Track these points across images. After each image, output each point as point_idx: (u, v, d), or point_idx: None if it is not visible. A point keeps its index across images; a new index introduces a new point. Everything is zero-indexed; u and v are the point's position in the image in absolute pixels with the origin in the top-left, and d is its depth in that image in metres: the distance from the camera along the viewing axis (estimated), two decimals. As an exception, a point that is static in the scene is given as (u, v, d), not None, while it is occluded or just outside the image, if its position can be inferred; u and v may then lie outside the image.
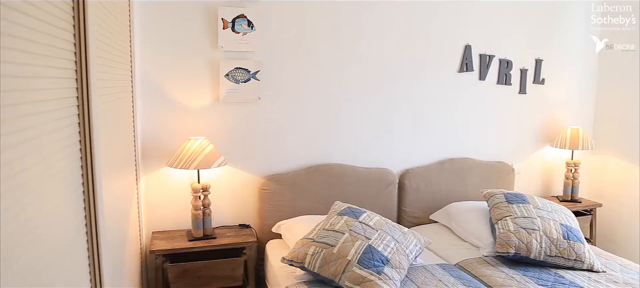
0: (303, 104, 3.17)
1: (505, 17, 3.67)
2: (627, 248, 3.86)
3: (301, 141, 3.20)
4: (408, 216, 3.42)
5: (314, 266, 2.32)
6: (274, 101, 3.10)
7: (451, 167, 3.57)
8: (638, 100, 3.83)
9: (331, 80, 3.22)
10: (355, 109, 3.31)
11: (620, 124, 3.99)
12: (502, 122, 3.81)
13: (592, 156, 4.17)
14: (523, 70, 3.80)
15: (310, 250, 2.36)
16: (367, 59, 3.28)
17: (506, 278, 2.57)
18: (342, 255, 2.31)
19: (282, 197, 3.08)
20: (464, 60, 3.55)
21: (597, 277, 2.64)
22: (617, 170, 4.04)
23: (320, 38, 3.15)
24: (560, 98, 4.02)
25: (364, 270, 2.26)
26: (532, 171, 4.02)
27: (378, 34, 3.29)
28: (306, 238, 2.46)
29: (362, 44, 3.25)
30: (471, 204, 3.32)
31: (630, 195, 3.92)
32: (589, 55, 4.08)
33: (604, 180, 4.15)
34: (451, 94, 3.58)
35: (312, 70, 3.16)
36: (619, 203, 4.01)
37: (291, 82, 3.12)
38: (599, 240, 4.04)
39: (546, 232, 2.77)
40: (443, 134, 3.60)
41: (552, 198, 3.99)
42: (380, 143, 3.41)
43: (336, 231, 2.45)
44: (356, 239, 2.39)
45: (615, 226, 4.04)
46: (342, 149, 3.31)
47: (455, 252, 2.94)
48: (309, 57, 3.14)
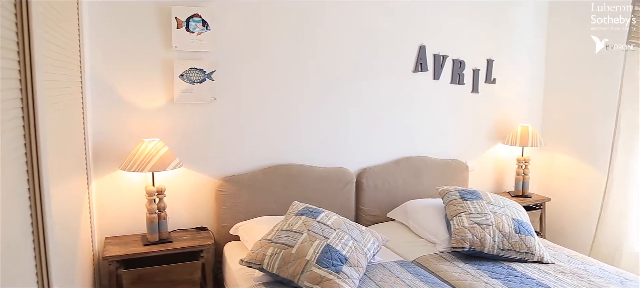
0: (260, 104, 3.15)
1: (458, 19, 3.76)
2: (574, 239, 4.03)
3: (258, 142, 3.18)
4: (366, 215, 3.45)
5: (273, 267, 2.31)
6: (230, 101, 3.06)
7: (407, 165, 3.63)
8: (582, 99, 4.00)
9: (288, 80, 3.21)
10: (313, 108, 3.31)
11: (566, 122, 4.17)
12: (456, 121, 3.91)
13: (541, 153, 4.33)
14: (475, 70, 3.90)
15: (268, 251, 2.35)
16: (324, 58, 3.29)
17: (462, 273, 2.64)
18: (300, 256, 2.31)
19: (240, 198, 3.04)
20: (418, 61, 3.62)
21: (547, 268, 2.75)
22: (564, 166, 4.21)
23: (277, 38, 3.13)
24: (511, 97, 4.16)
25: (323, 270, 2.26)
26: (485, 168, 4.14)
27: (335, 34, 3.30)
28: (264, 240, 2.44)
29: (318, 43, 3.26)
30: (427, 202, 3.38)
31: (576, 190, 4.10)
32: (537, 56, 4.25)
33: (552, 175, 4.32)
34: (407, 94, 3.64)
35: (269, 70, 3.14)
36: (566, 197, 4.18)
37: (247, 82, 3.09)
38: (548, 233, 4.20)
39: (499, 227, 2.86)
40: (399, 133, 3.65)
41: (504, 193, 4.12)
42: (338, 142, 3.43)
43: (294, 231, 2.44)
44: (314, 239, 2.39)
45: (563, 219, 4.22)
46: (299, 149, 3.31)
47: (413, 249, 2.99)
48: (265, 57, 3.12)
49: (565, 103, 4.17)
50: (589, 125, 3.96)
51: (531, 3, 4.13)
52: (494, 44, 3.98)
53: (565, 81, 4.16)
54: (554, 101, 4.29)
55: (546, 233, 4.14)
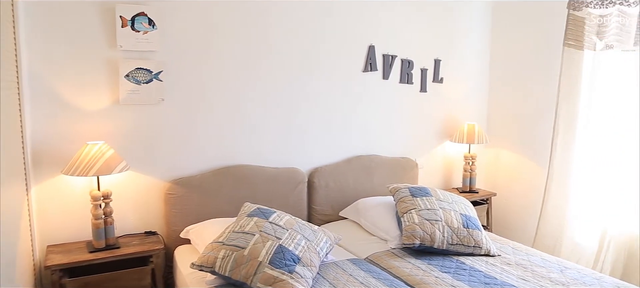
0: (210, 104, 3.10)
1: (406, 19, 3.84)
2: (519, 232, 4.20)
3: (208, 143, 3.12)
4: (318, 214, 3.46)
5: (225, 270, 2.28)
6: (179, 102, 2.99)
7: (359, 164, 3.66)
8: (524, 97, 4.17)
9: (239, 80, 3.17)
10: (264, 108, 3.29)
11: (509, 119, 4.34)
12: (406, 119, 3.98)
13: (487, 150, 4.48)
14: (423, 70, 3.99)
15: (220, 254, 2.31)
16: (274, 58, 3.28)
17: (413, 268, 2.69)
18: (253, 257, 2.29)
19: (190, 201, 2.98)
20: (368, 60, 3.66)
21: (493, 260, 2.86)
22: (508, 162, 4.37)
23: (227, 37, 3.09)
24: (458, 96, 4.28)
25: (276, 270, 2.25)
26: (434, 165, 4.24)
27: (285, 34, 3.29)
28: (216, 242, 2.40)
29: (269, 43, 3.24)
30: (378, 199, 3.43)
31: (519, 185, 4.27)
32: (482, 56, 4.39)
33: (498, 171, 4.48)
34: (357, 93, 3.67)
35: (219, 70, 3.10)
36: (511, 192, 4.35)
37: (197, 82, 3.03)
38: (494, 226, 4.35)
39: (448, 222, 2.94)
40: (350, 132, 3.69)
41: (453, 189, 4.23)
42: (289, 142, 3.42)
43: (246, 233, 2.42)
44: (267, 240, 2.38)
45: (508, 213, 4.38)
46: (250, 150, 3.27)
47: (365, 247, 3.03)
48: (215, 56, 3.07)
49: (509, 101, 4.34)
50: (530, 122, 4.13)
51: (475, 3, 4.27)
52: (441, 44, 4.09)
53: (508, 80, 4.33)
54: (498, 99, 4.46)
55: (492, 227, 4.29)
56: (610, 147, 3.47)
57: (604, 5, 3.42)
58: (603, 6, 3.42)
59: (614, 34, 3.37)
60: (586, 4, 3.50)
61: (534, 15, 4.03)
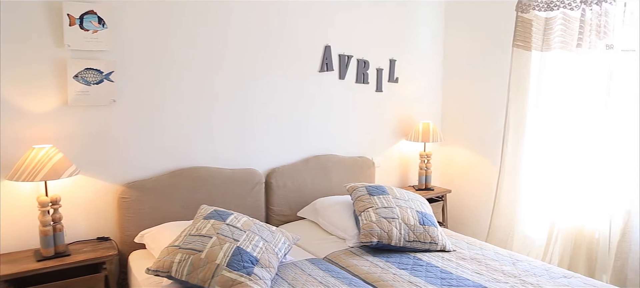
0: (164, 105, 3.03)
1: (362, 20, 3.88)
2: (473, 227, 4.31)
3: (163, 144, 3.05)
4: (276, 215, 3.44)
5: (182, 274, 2.23)
6: (132, 103, 2.91)
7: (316, 163, 3.67)
8: (476, 96, 4.29)
9: (194, 81, 3.12)
10: (220, 109, 3.25)
11: (463, 118, 4.45)
12: (362, 119, 4.02)
13: (442, 148, 4.58)
14: (379, 70, 4.04)
15: (176, 258, 2.27)
16: (230, 58, 3.24)
17: (371, 266, 2.72)
18: (210, 260, 2.25)
19: (144, 204, 2.91)
20: (324, 60, 3.68)
21: (449, 256, 2.92)
22: (462, 160, 4.49)
23: (182, 37, 3.03)
24: (413, 95, 4.36)
25: (234, 273, 2.23)
26: (390, 164, 4.30)
27: (241, 34, 3.26)
28: (172, 246, 2.35)
29: (225, 43, 3.20)
30: (336, 199, 3.44)
31: (473, 181, 4.39)
32: (435, 56, 4.49)
33: (452, 168, 4.59)
34: (314, 93, 3.68)
35: (174, 70, 3.03)
36: (465, 188, 4.47)
37: (151, 83, 2.96)
38: (449, 222, 4.45)
39: (404, 220, 2.98)
40: (307, 132, 3.69)
41: (409, 187, 4.30)
42: (246, 143, 3.39)
43: (203, 236, 2.38)
44: (224, 242, 2.35)
45: (462, 209, 4.49)
46: (206, 151, 3.22)
47: (323, 246, 3.03)
48: (169, 56, 3.00)
49: (462, 100, 4.45)
50: (483, 120, 4.25)
51: (428, 4, 4.36)
52: (396, 45, 4.15)
53: (461, 79, 4.44)
54: (451, 98, 4.57)
55: (448, 223, 4.39)
56: (557, 144, 3.61)
57: (549, 8, 3.55)
58: (549, 9, 3.56)
59: (559, 35, 3.51)
60: (533, 6, 3.63)
61: (485, 16, 4.16)
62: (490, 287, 2.46)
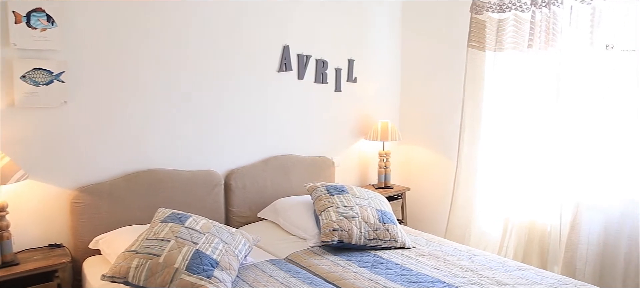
0: (119, 106, 2.94)
1: (320, 20, 3.88)
2: (432, 224, 4.39)
3: (118, 147, 2.96)
4: (236, 216, 3.41)
5: (139, 279, 2.17)
6: (85, 104, 2.81)
7: (276, 164, 3.65)
8: (433, 95, 4.38)
9: (150, 81, 3.04)
10: (176, 110, 3.18)
11: (420, 116, 4.53)
12: (321, 119, 4.03)
13: (400, 146, 4.64)
14: (338, 70, 4.06)
15: (133, 263, 2.21)
16: (188, 58, 3.18)
17: (332, 265, 2.73)
18: (169, 264, 2.21)
19: (99, 209, 2.81)
20: (283, 60, 3.66)
21: (409, 252, 2.97)
22: (420, 158, 4.57)
23: (137, 36, 2.95)
24: (371, 95, 4.40)
25: (193, 276, 2.19)
26: (350, 163, 4.33)
27: (199, 33, 3.21)
28: (128, 251, 2.29)
29: (182, 42, 3.14)
30: (296, 199, 3.44)
31: (431, 179, 4.47)
32: (393, 56, 4.55)
33: (411, 167, 4.66)
34: (272, 93, 3.66)
35: (129, 70, 2.94)
36: (424, 186, 4.55)
37: (105, 83, 2.87)
38: (409, 220, 4.52)
39: (364, 218, 3.01)
40: (266, 132, 3.67)
41: (369, 186, 4.34)
42: (204, 144, 3.34)
43: (161, 239, 2.33)
44: (183, 245, 2.30)
45: (421, 206, 4.57)
46: (164, 153, 3.15)
47: (284, 247, 3.02)
48: (124, 56, 2.92)
49: (420, 99, 4.53)
50: (440, 119, 4.34)
51: (386, 4, 4.41)
52: (354, 45, 4.18)
53: (419, 79, 4.52)
54: (409, 98, 4.64)
55: (407, 220, 4.45)
56: (510, 142, 3.72)
57: (502, 10, 3.66)
58: (501, 11, 3.67)
59: (511, 36, 3.63)
60: (487, 8, 3.73)
61: (441, 17, 4.25)
62: (448, 281, 2.51)
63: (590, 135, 3.28)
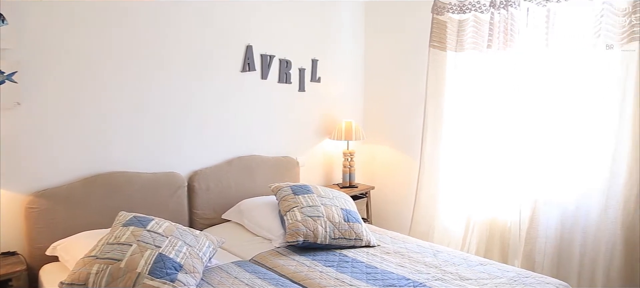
0: (76, 108, 2.84)
1: (283, 19, 3.87)
2: (396, 222, 4.45)
3: (76, 149, 2.87)
4: (200, 218, 3.36)
5: (100, 285, 2.11)
6: (40, 106, 2.70)
7: (240, 164, 3.62)
8: (396, 95, 4.43)
9: (110, 81, 2.95)
10: (139, 110, 3.10)
11: (384, 116, 4.58)
12: (285, 119, 4.02)
13: (364, 145, 4.68)
14: (301, 70, 4.06)
15: (93, 269, 2.14)
16: (149, 58, 3.10)
17: (298, 265, 2.72)
18: (130, 269, 2.15)
19: (56, 214, 2.72)
20: (246, 60, 3.63)
21: (374, 251, 2.99)
22: (384, 157, 4.61)
23: (96, 36, 2.85)
24: (335, 95, 4.42)
25: (157, 280, 2.14)
26: (314, 163, 4.33)
27: (161, 33, 3.14)
28: (88, 257, 2.22)
29: (144, 42, 3.06)
30: (261, 199, 3.42)
31: (396, 177, 4.53)
32: (357, 55, 4.59)
33: (375, 166, 4.70)
34: (236, 93, 3.63)
35: (88, 70, 2.85)
36: (388, 184, 4.59)
37: (61, 84, 2.77)
38: (374, 218, 4.56)
39: (329, 218, 3.02)
40: (230, 133, 3.63)
41: (333, 185, 4.36)
42: (166, 146, 3.27)
43: (122, 244, 2.27)
44: (145, 249, 2.25)
45: (386, 204, 4.62)
46: (124, 155, 3.07)
47: (249, 248, 3.00)
48: (83, 56, 2.82)
49: (383, 99, 4.58)
50: (403, 118, 4.40)
51: (349, 4, 4.44)
52: (317, 44, 4.19)
53: (382, 78, 4.57)
54: (373, 97, 4.68)
55: (372, 219, 4.49)
56: (472, 141, 3.80)
57: (462, 11, 3.74)
58: (461, 12, 3.75)
59: (471, 37, 3.71)
60: (447, 9, 3.81)
61: (403, 17, 4.30)
62: (413, 278, 2.55)
63: (547, 133, 3.39)
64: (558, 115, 3.34)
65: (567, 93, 3.30)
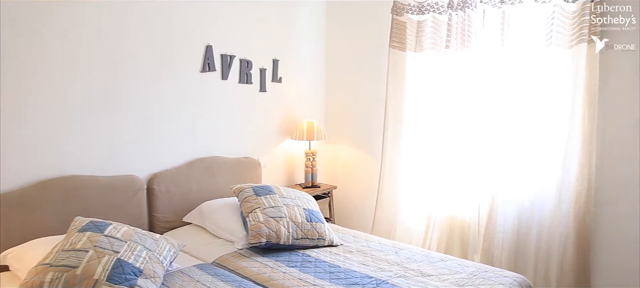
0: (28, 108, 2.71)
1: (244, 19, 3.84)
2: (359, 221, 4.48)
3: (28, 152, 2.74)
4: (160, 222, 3.29)
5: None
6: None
7: (201, 166, 3.57)
8: (357, 95, 4.47)
9: (64, 81, 2.83)
10: (94, 112, 3.00)
11: (345, 115, 4.61)
12: (247, 119, 3.99)
13: (326, 145, 4.69)
14: (262, 70, 4.03)
15: (47, 277, 2.06)
16: (106, 58, 3.00)
17: (261, 267, 2.71)
18: (87, 276, 2.09)
19: (6, 221, 2.59)
20: (206, 60, 3.58)
21: (337, 250, 3.01)
22: (346, 156, 4.64)
23: (49, 33, 2.73)
24: (296, 95, 4.41)
25: (115, 286, 2.09)
26: (276, 163, 4.32)
27: (117, 32, 3.04)
28: (42, 265, 2.14)
29: (98, 41, 2.96)
30: (223, 201, 3.38)
31: (357, 176, 4.56)
32: (318, 55, 4.60)
33: (337, 165, 4.72)
34: (196, 94, 3.57)
35: (40, 69, 2.72)
36: (350, 184, 4.63)
37: (7, 84, 2.63)
38: (336, 218, 4.58)
39: (292, 218, 3.01)
40: (190, 134, 3.57)
41: (296, 186, 4.35)
42: (125, 148, 3.18)
43: (78, 250, 2.19)
44: (103, 255, 2.19)
45: (348, 204, 4.65)
46: (80, 158, 2.96)
47: (212, 250, 2.96)
48: (33, 53, 2.69)
49: (344, 98, 4.61)
50: (364, 118, 4.44)
51: (310, 4, 4.45)
52: (278, 44, 4.17)
53: (343, 78, 4.60)
54: (334, 97, 4.70)
55: (335, 218, 4.51)
56: (431, 140, 3.88)
57: (421, 12, 3.80)
58: (420, 13, 3.81)
59: (430, 37, 3.78)
60: (407, 9, 3.86)
61: (364, 17, 4.34)
62: (376, 276, 2.58)
63: (503, 132, 3.49)
64: (514, 114, 3.45)
65: (521, 92, 3.41)
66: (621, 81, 3.11)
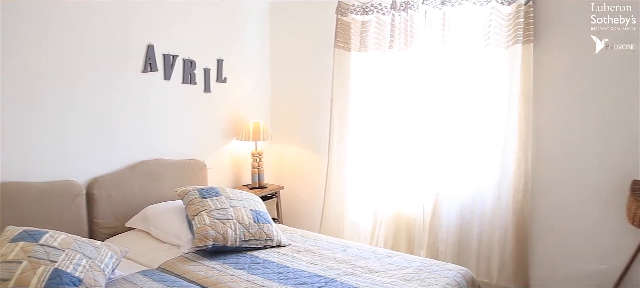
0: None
1: (186, 19, 3.76)
2: (307, 220, 4.49)
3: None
4: (101, 228, 3.16)
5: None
6: None
7: (144, 169, 3.45)
8: (303, 95, 4.48)
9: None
10: (27, 113, 2.83)
11: (292, 115, 4.60)
12: (191, 120, 3.90)
13: (273, 145, 4.67)
14: (206, 70, 3.96)
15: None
16: (41, 57, 2.84)
17: (208, 270, 2.66)
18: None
19: None
20: (147, 60, 3.48)
21: (285, 250, 3.00)
22: (293, 156, 4.64)
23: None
24: (242, 95, 4.37)
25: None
26: (222, 164, 4.25)
27: (53, 30, 2.88)
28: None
29: (33, 39, 2.80)
30: (168, 204, 3.30)
31: (305, 176, 4.57)
32: (263, 56, 4.57)
33: (284, 165, 4.71)
34: (137, 95, 3.45)
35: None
36: (297, 184, 4.63)
37: None
38: (284, 218, 4.57)
39: (239, 220, 2.98)
40: (132, 137, 3.45)
41: (243, 187, 4.31)
42: (61, 151, 3.03)
43: (10, 261, 2.07)
44: (38, 265, 2.08)
45: (296, 204, 4.65)
46: (10, 163, 2.77)
47: (157, 256, 2.88)
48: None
49: (290, 98, 4.60)
50: (311, 118, 4.45)
51: (254, 4, 4.41)
52: (223, 44, 4.11)
53: (289, 78, 4.59)
54: (280, 97, 4.69)
55: (282, 218, 4.50)
56: (377, 139, 3.94)
57: (365, 13, 3.85)
58: (364, 13, 3.86)
59: (374, 38, 3.84)
60: (351, 10, 3.90)
61: (309, 17, 4.35)
62: (324, 274, 2.59)
63: (445, 130, 3.60)
64: (455, 113, 3.56)
65: (462, 91, 3.53)
66: (554, 80, 3.27)
